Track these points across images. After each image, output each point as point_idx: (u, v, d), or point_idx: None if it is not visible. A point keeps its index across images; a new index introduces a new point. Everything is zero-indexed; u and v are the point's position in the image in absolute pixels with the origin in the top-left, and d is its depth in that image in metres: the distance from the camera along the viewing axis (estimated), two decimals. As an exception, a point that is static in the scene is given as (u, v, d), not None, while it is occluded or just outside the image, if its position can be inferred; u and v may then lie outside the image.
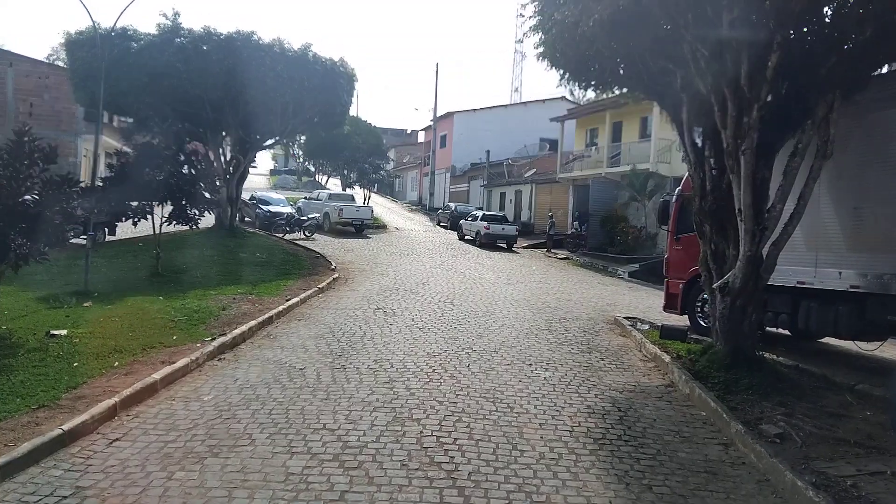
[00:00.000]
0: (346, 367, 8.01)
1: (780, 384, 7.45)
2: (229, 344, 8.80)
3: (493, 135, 43.42)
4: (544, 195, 34.25)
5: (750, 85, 7.21)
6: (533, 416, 6.41)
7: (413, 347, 9.11)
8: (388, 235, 29.77)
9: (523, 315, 12.16)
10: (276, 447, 5.40)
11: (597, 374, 8.21)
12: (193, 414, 6.20)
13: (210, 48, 18.79)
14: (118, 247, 19.04)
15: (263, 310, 11.11)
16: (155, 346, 8.37)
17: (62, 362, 7.43)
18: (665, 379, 8.15)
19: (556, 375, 7.97)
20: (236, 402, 6.56)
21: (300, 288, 13.86)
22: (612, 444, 5.84)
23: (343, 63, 22.54)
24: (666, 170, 23.99)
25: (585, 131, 31.27)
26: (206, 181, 15.26)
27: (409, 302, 13.13)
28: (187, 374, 7.48)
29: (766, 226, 7.76)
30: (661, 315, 12.25)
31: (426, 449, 5.46)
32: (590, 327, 11.32)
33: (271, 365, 8.04)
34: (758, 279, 7.87)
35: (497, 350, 9.12)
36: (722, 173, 8.37)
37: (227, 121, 21.22)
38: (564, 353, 9.23)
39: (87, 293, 11.98)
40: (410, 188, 60.87)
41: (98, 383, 6.76)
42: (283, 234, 24.88)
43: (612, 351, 9.54)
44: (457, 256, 23.34)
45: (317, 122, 24.60)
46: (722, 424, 6.38)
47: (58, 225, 8.41)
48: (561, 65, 10.72)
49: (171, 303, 11.29)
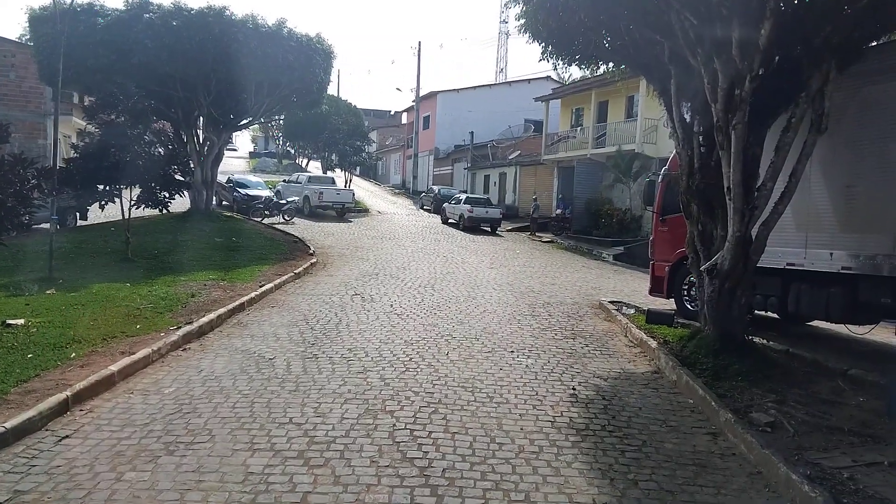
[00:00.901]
0: (319, 356, 7.62)
1: (770, 370, 7.19)
2: (195, 333, 8.36)
3: (477, 116, 42.83)
4: (529, 177, 33.87)
5: (741, 55, 6.84)
6: (513, 406, 6.08)
7: (390, 335, 8.74)
8: (371, 219, 29.26)
9: (506, 300, 11.82)
10: (237, 444, 5.02)
11: (581, 360, 7.90)
12: (151, 408, 5.80)
13: (180, 24, 17.99)
14: (89, 231, 18.46)
15: (235, 296, 10.67)
16: (116, 336, 7.92)
17: (15, 354, 6.98)
18: (651, 365, 7.86)
19: (538, 363, 7.64)
20: (198, 395, 6.16)
21: (275, 273, 13.41)
22: (596, 434, 5.53)
23: (320, 39, 21.79)
24: (652, 150, 23.64)
25: (571, 111, 30.78)
26: (178, 163, 14.68)
27: (389, 287, 12.74)
28: (148, 366, 7.05)
29: (756, 205, 7.44)
30: (647, 299, 11.98)
31: (398, 444, 5.10)
32: (574, 312, 11.00)
33: (239, 355, 7.63)
34: (747, 261, 7.56)
35: (478, 337, 8.77)
36: (711, 150, 8.03)
37: (199, 100, 20.48)
38: (548, 339, 8.90)
39: (51, 280, 11.46)
40: (394, 171, 60.19)
41: (51, 376, 6.33)
42: (261, 218, 24.28)
43: (597, 336, 9.23)
44: (440, 240, 22.94)
45: (294, 101, 23.89)
46: (710, 413, 6.09)
47: (10, 208, 7.89)
48: (543, 38, 10.29)
49: (137, 290, 10.80)
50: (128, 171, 12.79)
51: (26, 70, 22.69)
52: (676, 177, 10.82)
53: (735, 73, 7.07)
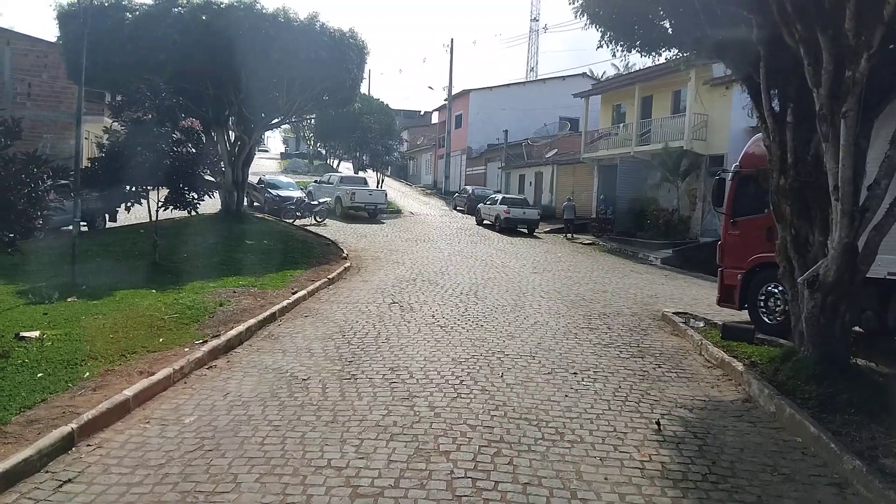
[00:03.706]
0: (357, 376, 6.77)
1: (886, 399, 6.08)
2: (222, 348, 7.59)
3: (510, 114, 41.69)
4: (566, 176, 32.65)
5: (857, 28, 5.76)
6: (590, 447, 5.12)
7: (435, 351, 7.83)
8: (403, 220, 28.45)
9: (557, 310, 10.82)
10: (267, 496, 4.18)
11: (656, 385, 6.88)
12: (169, 443, 5.00)
13: (209, 18, 17.37)
14: (117, 234, 17.99)
15: (266, 305, 9.91)
16: (136, 352, 7.20)
17: (24, 373, 6.28)
18: (739, 392, 6.80)
19: (607, 388, 6.65)
20: (223, 427, 5.35)
21: (308, 279, 12.64)
22: (698, 487, 4.54)
23: (353, 34, 21.01)
24: (701, 147, 22.28)
25: (611, 107, 29.46)
26: (208, 162, 14.00)
27: (428, 294, 11.85)
28: (169, 388, 6.27)
29: (867, 206, 6.35)
30: (713, 309, 10.89)
31: (460, 499, 4.19)
32: (635, 324, 9.95)
33: (270, 374, 6.82)
34: (855, 271, 6.48)
35: (533, 354, 7.81)
36: (806, 144, 6.95)
37: (230, 97, 19.88)
38: (612, 357, 7.90)
39: (73, 286, 10.86)
40: (424, 171, 59.35)
41: (59, 401, 5.59)
42: (292, 219, 23.67)
43: (668, 355, 8.18)
44: (476, 242, 22.00)
45: (326, 99, 23.17)
46: (829, 457, 5.05)
47: (21, 211, 7.18)
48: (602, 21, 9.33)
49: (163, 297, 10.11)
50: (155, 170, 12.12)
51: (58, 70, 22.43)
52: (751, 174, 9.76)
53: (845, 51, 5.99)
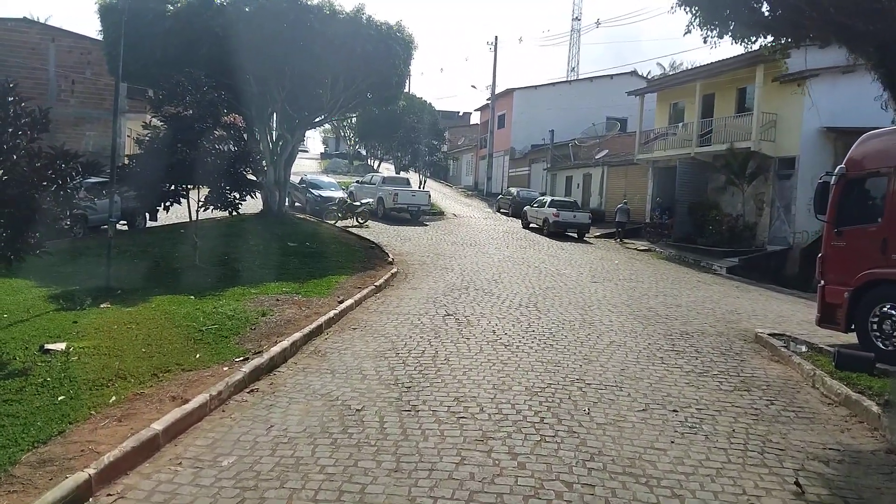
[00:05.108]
0: (419, 408, 5.83)
1: None
2: (265, 367, 6.74)
3: (555, 114, 40.34)
4: (618, 179, 31.21)
5: None
6: (721, 519, 4.06)
7: (504, 378, 6.83)
8: (447, 223, 27.51)
9: (631, 327, 9.70)
10: (322, 582, 3.25)
11: (774, 427, 5.75)
12: (204, 494, 4.14)
13: (253, 10, 16.72)
14: (157, 234, 17.54)
15: (311, 315, 9.08)
16: (170, 370, 6.43)
17: (44, 395, 5.56)
18: (878, 438, 5.63)
19: (719, 431, 5.55)
20: (266, 473, 4.47)
21: (354, 285, 11.80)
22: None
23: (400, 27, 20.07)
24: (770, 149, 20.65)
25: (668, 106, 27.87)
26: (250, 161, 13.29)
27: (484, 305, 10.86)
28: (204, 418, 5.44)
29: None
30: (807, 329, 9.66)
31: None
32: (726, 347, 8.77)
33: (318, 402, 5.94)
34: None
35: (619, 385, 6.74)
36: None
37: (273, 94, 19.22)
38: (712, 389, 6.77)
39: (108, 290, 10.26)
40: (465, 172, 58.33)
41: (79, 434, 4.82)
42: (334, 220, 22.96)
43: (776, 387, 7.00)
44: (525, 247, 20.92)
45: (370, 97, 22.34)
46: None
47: (46, 210, 6.47)
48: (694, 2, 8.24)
49: (202, 305, 9.37)
50: (195, 169, 11.45)
51: (101, 67, 22.16)
52: (860, 178, 8.53)
53: None
